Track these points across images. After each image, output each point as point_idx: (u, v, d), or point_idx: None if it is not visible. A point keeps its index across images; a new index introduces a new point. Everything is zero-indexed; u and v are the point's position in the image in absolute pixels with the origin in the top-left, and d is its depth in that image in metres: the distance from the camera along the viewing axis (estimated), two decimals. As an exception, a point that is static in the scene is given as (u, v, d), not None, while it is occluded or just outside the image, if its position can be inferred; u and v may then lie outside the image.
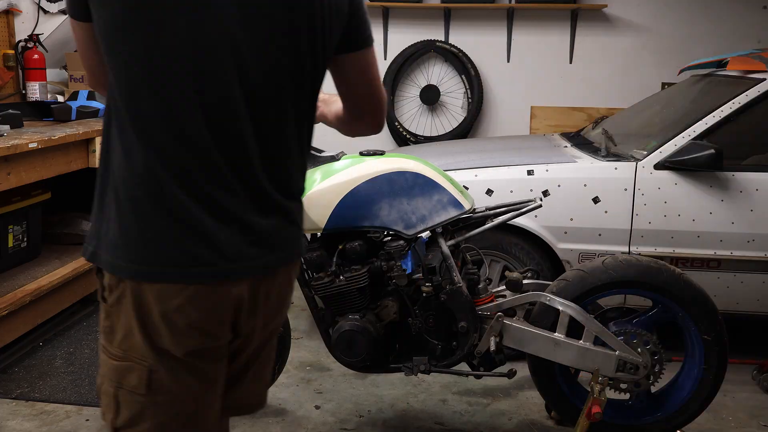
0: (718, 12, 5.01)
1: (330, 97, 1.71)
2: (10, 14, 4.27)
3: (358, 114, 1.53)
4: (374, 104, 1.50)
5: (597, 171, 3.32)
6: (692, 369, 2.65)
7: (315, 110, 1.44)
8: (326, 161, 2.66)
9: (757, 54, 3.67)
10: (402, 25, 5.27)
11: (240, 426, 2.83)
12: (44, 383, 3.11)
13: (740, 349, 3.37)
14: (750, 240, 3.22)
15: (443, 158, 3.61)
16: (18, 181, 3.07)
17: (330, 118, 1.72)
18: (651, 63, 5.10)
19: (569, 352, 2.54)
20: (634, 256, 2.66)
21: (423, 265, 2.57)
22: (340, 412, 2.96)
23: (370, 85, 1.47)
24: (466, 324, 2.57)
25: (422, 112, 5.34)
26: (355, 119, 1.55)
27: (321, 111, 1.72)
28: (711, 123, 3.26)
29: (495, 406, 3.03)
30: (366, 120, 1.54)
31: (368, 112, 1.52)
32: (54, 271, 3.59)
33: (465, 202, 2.64)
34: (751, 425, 2.94)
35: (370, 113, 1.53)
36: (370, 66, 1.45)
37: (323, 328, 2.73)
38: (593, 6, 5.01)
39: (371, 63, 1.45)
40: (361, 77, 1.45)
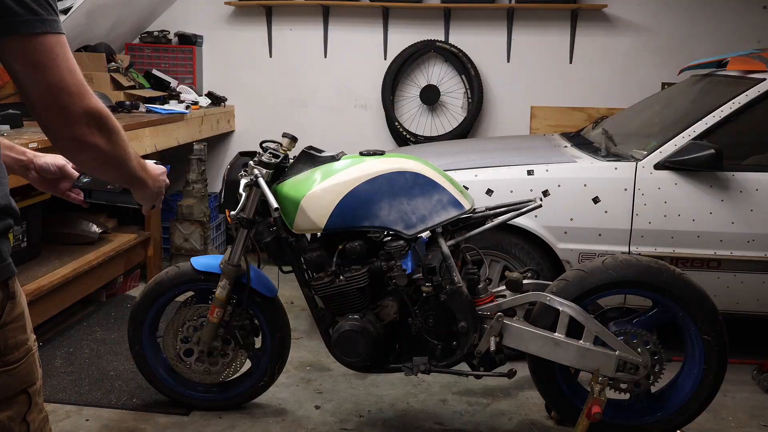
0: (718, 12, 5.00)
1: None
2: (10, 14, 4.27)
3: (34, 115, 1.24)
4: (47, 106, 1.21)
5: (597, 171, 3.32)
6: (692, 369, 2.65)
7: None
8: (326, 161, 2.66)
9: (757, 54, 3.66)
10: (402, 25, 5.27)
11: (240, 426, 2.83)
12: (44, 383, 3.10)
13: (740, 349, 3.37)
14: (750, 240, 3.22)
15: (443, 158, 3.61)
16: (18, 181, 3.07)
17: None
18: (651, 63, 5.09)
19: (569, 352, 2.55)
20: (634, 256, 2.66)
21: (423, 265, 2.57)
22: (340, 412, 2.96)
23: (41, 83, 1.18)
24: (466, 324, 2.57)
25: (422, 112, 5.34)
26: (36, 119, 1.26)
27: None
28: (711, 123, 3.26)
29: (495, 406, 3.03)
30: (43, 123, 1.25)
31: (40, 116, 1.23)
32: (54, 271, 3.58)
33: (465, 202, 2.64)
34: (751, 425, 2.94)
35: (44, 118, 1.23)
36: (41, 61, 1.17)
37: (323, 328, 2.73)
38: (593, 6, 5.01)
39: (42, 57, 1.16)
40: (26, 70, 1.18)
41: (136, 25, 5.34)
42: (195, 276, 2.82)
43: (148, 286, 2.90)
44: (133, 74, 4.82)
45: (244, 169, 2.66)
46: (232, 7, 5.38)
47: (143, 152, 4.03)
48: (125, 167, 1.40)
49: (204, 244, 4.64)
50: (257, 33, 5.42)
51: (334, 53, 5.38)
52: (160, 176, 1.65)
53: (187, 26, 5.41)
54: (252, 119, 5.52)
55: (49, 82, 1.18)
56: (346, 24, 5.33)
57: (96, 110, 1.25)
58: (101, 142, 1.28)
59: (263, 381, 2.92)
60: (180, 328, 2.85)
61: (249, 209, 2.66)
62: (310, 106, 5.46)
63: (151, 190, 1.60)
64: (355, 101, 5.42)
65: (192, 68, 5.30)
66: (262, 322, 2.85)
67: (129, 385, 3.13)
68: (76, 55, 4.57)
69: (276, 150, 2.72)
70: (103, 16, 4.77)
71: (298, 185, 2.61)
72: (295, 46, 5.41)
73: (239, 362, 2.91)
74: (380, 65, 5.28)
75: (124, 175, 1.44)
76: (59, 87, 1.19)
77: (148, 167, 1.56)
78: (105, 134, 1.29)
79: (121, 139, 1.34)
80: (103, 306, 4.07)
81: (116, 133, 1.32)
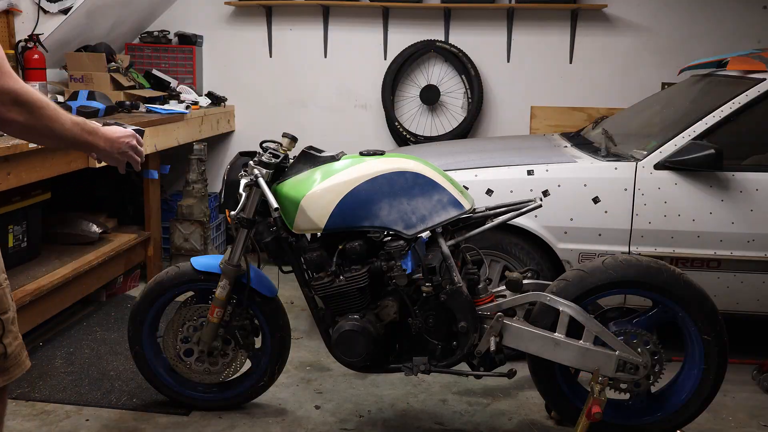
0: (718, 12, 5.00)
1: None
2: (10, 14, 4.27)
3: None
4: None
5: (597, 171, 3.32)
6: (692, 369, 2.65)
7: None
8: (326, 161, 2.66)
9: (757, 54, 3.66)
10: (402, 25, 5.27)
11: (240, 426, 2.83)
12: (44, 383, 3.11)
13: (740, 349, 3.37)
14: (750, 240, 3.22)
15: (443, 158, 3.61)
16: (18, 181, 3.07)
17: None
18: (651, 63, 5.09)
19: (569, 352, 2.55)
20: (634, 256, 2.66)
21: (423, 265, 2.57)
22: (340, 412, 2.96)
23: None
24: (466, 324, 2.57)
25: (422, 112, 5.34)
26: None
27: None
28: (711, 123, 3.26)
29: (495, 406, 3.03)
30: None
31: None
32: (54, 271, 3.59)
33: (465, 202, 2.64)
34: (751, 425, 2.94)
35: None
36: None
37: (323, 328, 2.73)
38: (593, 6, 5.01)
39: None
40: None
41: (136, 25, 5.34)
42: (195, 276, 2.82)
43: (148, 286, 2.90)
44: (133, 74, 4.82)
45: (244, 169, 2.66)
46: (232, 7, 5.38)
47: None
48: (57, 134, 1.62)
49: (204, 244, 4.64)
50: (257, 33, 5.42)
51: (334, 53, 5.38)
52: (121, 138, 1.85)
53: (187, 26, 5.41)
54: (252, 119, 5.52)
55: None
56: (346, 24, 5.33)
57: (10, 89, 1.46)
58: (19, 117, 1.50)
59: (263, 381, 2.92)
60: (180, 328, 2.85)
61: (249, 209, 2.66)
62: (310, 106, 5.46)
63: (105, 151, 1.81)
64: (355, 101, 5.42)
65: (192, 68, 5.30)
66: (262, 322, 2.85)
67: (129, 385, 3.13)
68: (76, 55, 4.57)
69: (276, 150, 2.72)
70: (103, 16, 4.78)
71: (298, 185, 2.61)
72: (295, 46, 5.41)
73: (239, 362, 2.91)
74: (380, 65, 5.28)
75: (61, 142, 1.68)
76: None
77: (99, 131, 1.78)
78: (25, 109, 1.50)
79: (45, 113, 1.56)
80: (103, 306, 4.07)
81: (39, 107, 1.54)
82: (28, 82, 4.20)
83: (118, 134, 1.85)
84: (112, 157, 1.86)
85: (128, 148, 1.89)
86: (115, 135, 1.84)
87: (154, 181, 4.43)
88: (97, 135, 1.77)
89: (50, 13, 4.34)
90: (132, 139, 1.90)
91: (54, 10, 4.33)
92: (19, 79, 1.49)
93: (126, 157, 1.91)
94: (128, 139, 1.89)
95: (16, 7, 4.24)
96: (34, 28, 4.30)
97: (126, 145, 1.88)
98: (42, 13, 4.32)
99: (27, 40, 4.23)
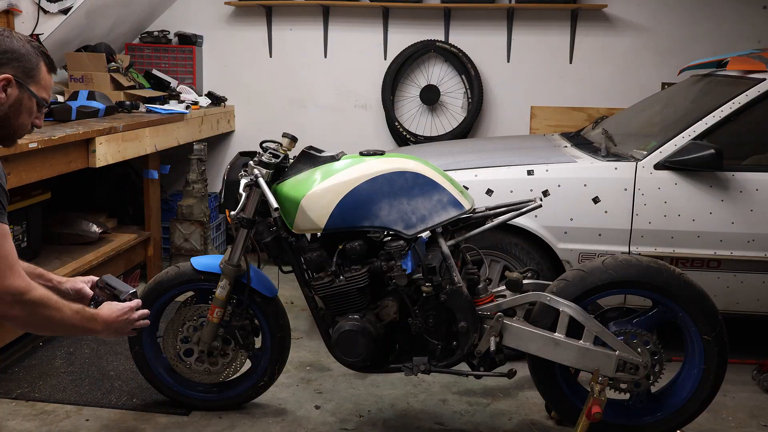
0: (718, 12, 5.00)
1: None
2: (10, 14, 4.27)
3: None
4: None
5: (597, 171, 3.31)
6: (692, 369, 2.64)
7: None
8: (326, 161, 2.66)
9: (757, 54, 3.66)
10: (402, 25, 5.27)
11: (240, 426, 2.83)
12: (44, 383, 3.11)
13: (740, 349, 3.37)
14: (750, 240, 3.22)
15: (443, 158, 3.61)
16: (18, 181, 3.07)
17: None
18: (651, 63, 5.09)
19: (569, 352, 2.54)
20: (634, 256, 2.66)
21: (423, 265, 2.57)
22: (340, 412, 2.96)
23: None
24: (466, 324, 2.57)
25: (422, 112, 5.34)
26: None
27: None
28: (711, 123, 3.26)
29: (495, 406, 3.03)
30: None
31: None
32: (54, 271, 3.58)
33: (465, 202, 2.64)
34: (751, 425, 2.94)
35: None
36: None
37: (323, 328, 2.73)
38: (593, 6, 5.01)
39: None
40: None
41: (136, 25, 5.34)
42: (195, 276, 2.82)
43: (148, 286, 2.90)
44: (133, 74, 4.82)
45: (244, 169, 2.66)
46: (232, 7, 5.38)
47: (143, 152, 4.04)
48: (58, 326, 1.76)
49: (204, 244, 4.64)
50: (257, 33, 5.42)
51: (334, 53, 5.38)
52: (120, 317, 1.96)
53: (187, 26, 5.41)
54: (252, 119, 5.52)
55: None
56: (346, 24, 5.33)
57: (15, 290, 1.60)
58: (21, 314, 1.64)
59: (263, 381, 2.92)
60: (180, 328, 2.85)
61: (249, 209, 2.65)
62: (310, 106, 5.46)
63: (106, 335, 1.94)
64: (355, 101, 5.42)
65: (192, 68, 5.30)
66: (262, 322, 2.85)
67: (129, 385, 3.13)
68: (76, 55, 4.57)
69: (276, 150, 2.72)
70: (103, 16, 4.78)
71: (298, 185, 2.61)
72: (295, 46, 5.41)
73: (239, 362, 2.91)
74: (380, 65, 5.28)
75: (61, 331, 1.86)
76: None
77: (99, 316, 1.90)
78: (26, 308, 1.63)
79: (45, 309, 1.68)
80: (103, 306, 4.06)
81: (39, 305, 1.66)
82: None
83: (115, 315, 1.95)
84: (112, 336, 2.00)
85: (127, 326, 2.00)
86: (113, 316, 1.94)
87: (154, 181, 4.43)
88: (96, 321, 1.89)
89: (50, 13, 4.34)
90: (130, 314, 1.99)
91: (54, 10, 4.33)
92: (24, 277, 1.63)
93: (128, 333, 2.04)
94: (126, 316, 1.98)
95: (16, 7, 4.24)
96: (34, 28, 4.30)
97: (125, 323, 1.98)
98: (42, 13, 4.32)
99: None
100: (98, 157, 3.53)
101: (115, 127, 3.66)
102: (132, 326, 2.03)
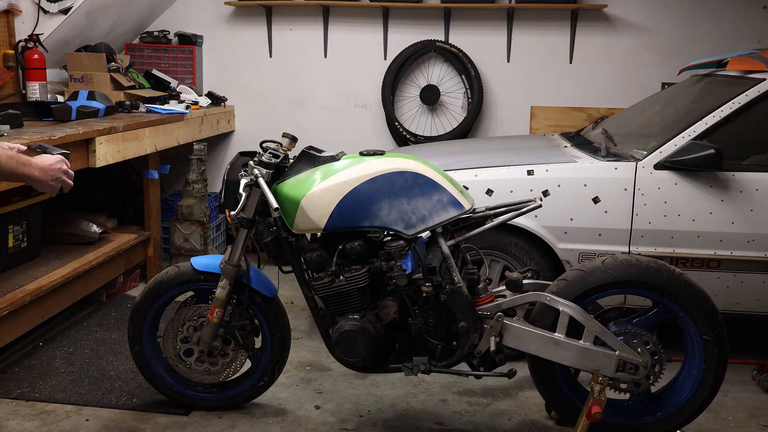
0: (718, 12, 5.00)
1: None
2: (10, 14, 4.27)
3: None
4: None
5: (597, 171, 3.32)
6: (692, 369, 2.64)
7: None
8: (326, 161, 2.66)
9: (757, 54, 3.66)
10: (402, 25, 5.27)
11: (240, 426, 2.83)
12: (44, 383, 3.11)
13: (740, 349, 3.37)
14: (750, 240, 3.22)
15: (443, 158, 3.61)
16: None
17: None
18: (651, 63, 5.09)
19: (569, 352, 2.54)
20: (634, 256, 2.66)
21: (423, 265, 2.57)
22: (340, 412, 2.96)
23: None
24: (466, 324, 2.57)
25: (422, 112, 5.34)
26: None
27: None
28: (711, 123, 3.26)
29: (495, 406, 3.03)
30: None
31: None
32: (54, 271, 3.58)
33: (465, 202, 2.64)
34: (751, 425, 2.94)
35: None
36: None
37: (323, 328, 2.73)
38: (593, 6, 5.01)
39: None
40: None
41: (136, 25, 5.34)
42: (195, 276, 2.82)
43: (148, 286, 2.90)
44: (133, 74, 4.82)
45: (244, 169, 2.66)
46: (232, 7, 5.38)
47: (143, 152, 4.04)
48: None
49: (204, 244, 4.64)
50: (257, 33, 5.42)
51: (334, 53, 5.38)
52: (53, 165, 2.05)
53: (187, 26, 5.41)
54: (252, 119, 5.52)
55: None
56: (346, 24, 5.33)
57: None
58: None
59: (263, 381, 2.92)
60: (180, 328, 2.85)
61: (249, 209, 2.66)
62: (310, 106, 5.46)
63: (40, 180, 2.01)
64: (355, 101, 5.42)
65: (192, 68, 5.30)
66: (262, 322, 2.85)
67: (129, 385, 3.13)
68: (76, 55, 4.57)
69: (276, 150, 2.72)
70: (103, 16, 4.78)
71: (298, 185, 2.61)
72: (295, 46, 5.41)
73: (239, 362, 2.91)
74: (380, 65, 5.28)
75: (3, 178, 1.89)
76: None
77: (33, 162, 1.99)
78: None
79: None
80: (103, 306, 4.07)
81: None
82: (28, 82, 4.21)
83: (49, 162, 2.05)
84: (47, 185, 2.05)
85: (61, 174, 2.08)
86: (47, 163, 2.04)
87: (154, 181, 4.43)
88: (31, 166, 1.99)
89: (50, 13, 4.34)
90: (62, 164, 2.08)
91: (54, 10, 4.33)
92: None
93: (59, 182, 2.09)
94: (59, 164, 2.07)
95: (16, 7, 4.24)
96: (34, 28, 4.30)
97: (58, 171, 2.06)
98: (42, 13, 4.32)
99: (27, 40, 4.23)
100: (98, 157, 3.53)
101: (115, 127, 3.66)
102: (64, 176, 2.09)
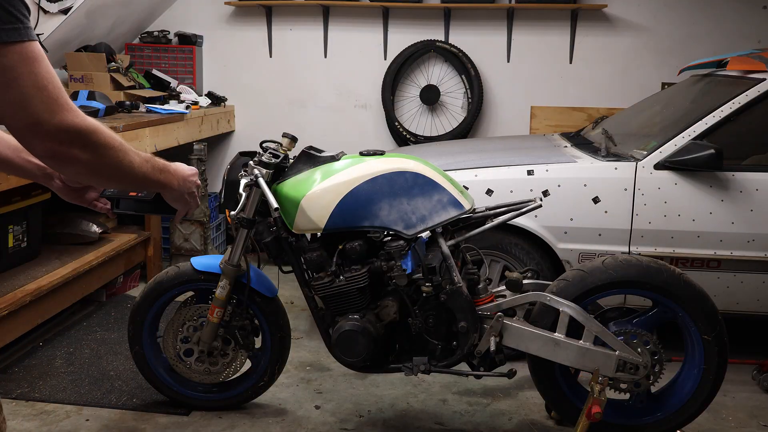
0: (718, 12, 5.00)
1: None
2: (10, 14, 4.27)
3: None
4: (15, 127, 1.15)
5: (597, 171, 3.32)
6: (692, 369, 2.64)
7: None
8: (326, 161, 2.66)
9: (757, 54, 3.66)
10: (402, 25, 5.27)
11: (240, 426, 2.83)
12: (44, 383, 3.11)
13: (740, 349, 3.37)
14: (750, 240, 3.22)
15: (443, 158, 3.61)
16: (18, 181, 3.07)
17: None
18: (651, 63, 5.09)
19: (569, 352, 2.54)
20: (634, 256, 2.66)
21: (423, 265, 2.57)
22: (340, 412, 2.96)
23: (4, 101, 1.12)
24: (466, 324, 2.57)
25: (422, 112, 5.34)
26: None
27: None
28: (711, 123, 3.26)
29: (495, 406, 3.03)
30: (18, 140, 1.20)
31: (12, 133, 1.18)
32: (54, 271, 3.58)
33: (465, 202, 2.64)
34: (751, 425, 2.94)
35: (17, 137, 1.18)
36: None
37: (323, 328, 2.73)
38: (593, 6, 5.01)
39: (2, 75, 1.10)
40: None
41: (136, 25, 5.34)
42: (195, 276, 2.82)
43: (148, 286, 2.90)
44: (133, 74, 4.82)
45: (244, 169, 2.66)
46: (232, 7, 5.38)
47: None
48: (126, 175, 1.34)
49: (204, 244, 4.64)
50: (257, 33, 5.42)
51: (334, 53, 5.38)
52: (190, 177, 1.57)
53: (187, 26, 5.41)
54: (252, 119, 5.52)
55: (11, 99, 1.09)
56: (346, 24, 5.33)
57: (72, 126, 1.19)
58: (83, 157, 1.22)
59: (263, 381, 2.92)
60: (180, 328, 2.85)
61: (249, 209, 2.66)
62: (310, 106, 5.46)
63: (177, 192, 1.53)
64: (355, 101, 5.42)
65: (192, 68, 5.30)
66: (262, 322, 2.85)
67: (129, 385, 3.13)
68: (76, 55, 4.57)
69: (276, 150, 2.72)
70: (103, 16, 4.77)
71: (298, 185, 2.61)
72: (295, 46, 5.41)
73: (239, 362, 2.91)
74: (380, 65, 5.28)
75: (131, 183, 1.41)
76: (22, 105, 1.10)
77: (171, 168, 1.50)
78: (88, 149, 1.23)
79: (112, 151, 1.28)
80: (103, 306, 4.07)
81: (104, 146, 1.26)
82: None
83: (188, 172, 1.57)
84: (182, 199, 1.57)
85: (195, 188, 1.61)
86: (187, 173, 1.56)
87: (154, 181, 4.42)
88: (169, 173, 1.50)
89: (50, 13, 4.34)
90: (197, 177, 1.62)
91: (54, 10, 4.33)
92: (80, 113, 1.24)
93: (192, 198, 1.61)
94: (195, 177, 1.60)
95: (16, 7, 4.24)
96: (34, 28, 4.30)
97: (194, 185, 1.60)
98: (42, 13, 4.32)
99: (27, 40, 4.22)
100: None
101: (115, 127, 3.66)
102: (198, 192, 1.63)
